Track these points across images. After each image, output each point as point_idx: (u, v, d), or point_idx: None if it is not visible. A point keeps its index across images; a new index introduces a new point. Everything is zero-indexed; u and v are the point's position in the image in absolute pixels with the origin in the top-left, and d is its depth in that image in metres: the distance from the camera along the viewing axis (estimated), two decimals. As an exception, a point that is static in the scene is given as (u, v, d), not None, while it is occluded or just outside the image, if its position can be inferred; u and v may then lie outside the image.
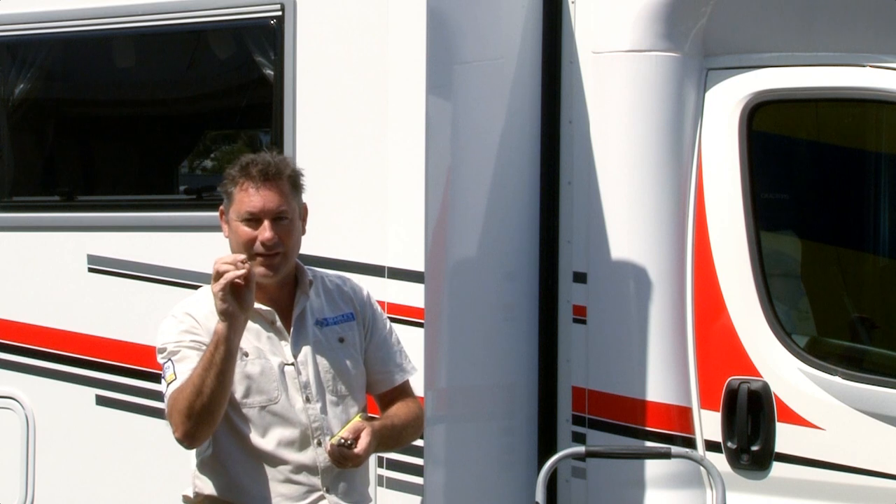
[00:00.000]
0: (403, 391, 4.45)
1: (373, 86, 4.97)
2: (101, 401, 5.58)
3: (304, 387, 4.21)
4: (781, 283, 5.25)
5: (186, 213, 5.50)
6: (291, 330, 4.25)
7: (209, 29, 5.47)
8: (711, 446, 5.06)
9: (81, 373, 5.61)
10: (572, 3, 5.32)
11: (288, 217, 4.20)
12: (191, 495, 4.34)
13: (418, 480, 4.80)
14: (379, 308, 4.50)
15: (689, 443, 5.09)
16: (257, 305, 4.16)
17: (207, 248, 5.32)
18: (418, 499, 4.81)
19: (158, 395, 5.40)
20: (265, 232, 4.14)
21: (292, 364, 4.22)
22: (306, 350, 4.24)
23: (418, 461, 4.76)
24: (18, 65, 5.87)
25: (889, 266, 5.50)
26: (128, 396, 5.50)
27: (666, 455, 4.80)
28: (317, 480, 4.20)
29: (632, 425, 5.14)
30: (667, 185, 5.18)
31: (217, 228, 5.34)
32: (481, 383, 5.24)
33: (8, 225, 5.83)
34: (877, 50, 5.02)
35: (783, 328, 5.03)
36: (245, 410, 4.18)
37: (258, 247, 4.15)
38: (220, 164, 8.02)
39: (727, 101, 5.17)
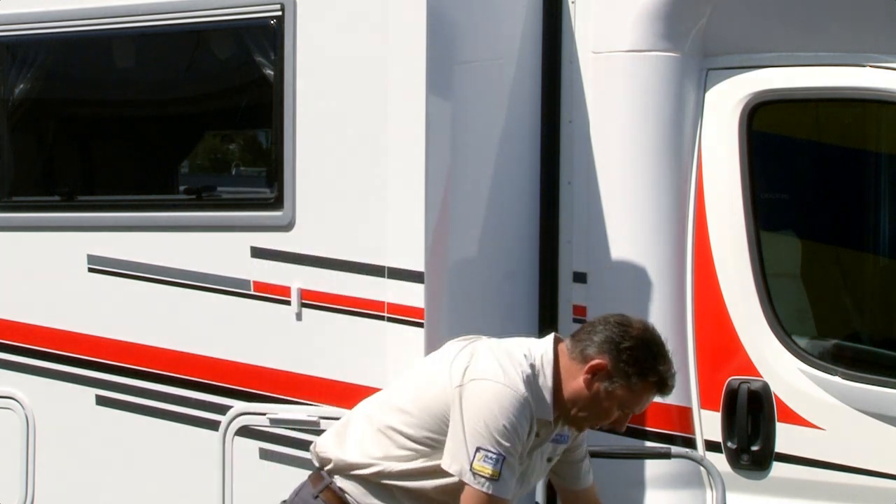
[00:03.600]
0: (596, 499, 4.55)
1: (373, 86, 4.97)
2: (101, 401, 5.58)
3: (516, 496, 4.19)
4: (781, 283, 5.25)
5: (186, 213, 5.50)
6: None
7: (209, 29, 5.48)
8: (711, 446, 5.06)
9: (81, 373, 5.61)
10: (572, 3, 5.32)
11: None
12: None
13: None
14: None
15: (689, 443, 5.09)
16: (552, 423, 4.17)
17: (207, 248, 5.34)
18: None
19: (158, 395, 5.44)
20: (624, 424, 4.20)
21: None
22: (531, 462, 4.23)
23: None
24: (18, 65, 5.87)
25: (889, 266, 5.50)
26: (128, 396, 5.50)
27: (666, 455, 4.80)
28: None
29: (632, 425, 5.13)
30: (667, 185, 5.18)
31: (217, 229, 5.37)
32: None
33: (8, 225, 5.83)
34: (877, 50, 5.02)
35: (783, 328, 5.03)
36: None
37: (606, 425, 4.21)
38: (220, 165, 8.03)
39: (727, 101, 5.17)
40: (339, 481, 4.25)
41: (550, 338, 4.23)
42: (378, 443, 4.20)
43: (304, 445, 5.04)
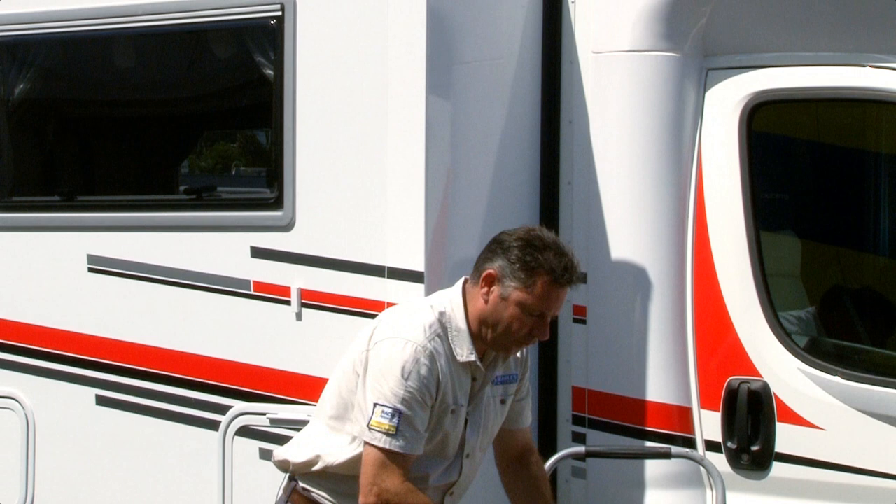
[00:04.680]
0: (527, 438, 4.48)
1: (373, 86, 4.97)
2: (101, 401, 5.58)
3: (470, 444, 4.22)
4: (781, 283, 5.26)
5: (186, 213, 5.50)
6: (479, 388, 4.24)
7: (209, 29, 5.48)
8: (711, 446, 5.06)
9: (81, 373, 5.61)
10: (572, 3, 5.32)
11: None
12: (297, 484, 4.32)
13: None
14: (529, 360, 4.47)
15: (689, 443, 5.09)
16: (479, 363, 4.16)
17: (207, 248, 5.34)
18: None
19: (158, 395, 5.44)
20: (543, 331, 4.13)
21: (467, 420, 4.21)
22: (480, 408, 4.24)
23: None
24: (18, 65, 5.87)
25: (889, 266, 5.50)
26: (128, 396, 5.50)
27: (666, 455, 4.80)
28: None
29: (632, 425, 5.14)
30: (667, 185, 5.18)
31: (217, 228, 5.36)
32: (481, 383, 5.25)
33: (8, 225, 5.83)
34: (877, 50, 5.02)
35: (783, 328, 5.03)
36: (418, 457, 4.11)
37: (527, 336, 4.13)
38: (220, 165, 8.00)
39: (727, 101, 5.17)
40: (302, 481, 4.29)
41: (460, 281, 4.25)
42: (320, 436, 4.25)
43: (304, 445, 5.04)
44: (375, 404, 3.99)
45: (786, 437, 4.97)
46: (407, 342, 4.04)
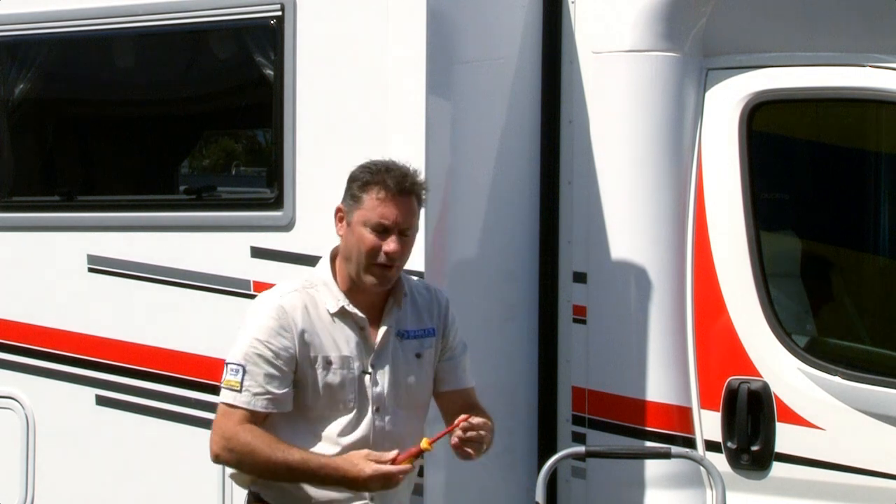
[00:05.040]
0: (469, 398, 4.42)
1: (373, 86, 4.97)
2: (101, 401, 5.58)
3: (377, 398, 4.20)
4: (781, 283, 5.25)
5: (186, 213, 5.50)
6: (377, 339, 4.23)
7: (209, 29, 5.47)
8: (711, 446, 5.07)
9: (81, 373, 5.61)
10: (572, 3, 5.32)
11: (412, 231, 4.18)
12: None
13: (418, 480, 4.80)
14: (455, 318, 4.44)
15: (689, 443, 5.09)
16: (352, 309, 4.16)
17: (207, 248, 5.34)
18: (418, 499, 4.80)
19: (158, 395, 5.44)
20: (391, 244, 4.10)
21: (369, 373, 4.20)
22: (385, 361, 4.22)
23: (418, 461, 4.76)
24: (18, 65, 5.87)
25: (889, 266, 5.50)
26: (128, 396, 5.50)
27: (666, 455, 4.80)
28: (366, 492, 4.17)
29: (632, 425, 5.15)
30: (667, 185, 5.18)
31: (217, 228, 5.36)
32: (481, 383, 5.24)
33: (8, 225, 5.83)
34: (877, 50, 5.03)
35: (783, 328, 5.03)
36: (314, 415, 4.15)
37: (381, 257, 4.11)
38: (219, 164, 7.99)
39: (727, 101, 5.17)
40: (253, 487, 4.32)
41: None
42: None
43: (304, 445, 5.03)
44: (227, 363, 4.13)
45: (786, 437, 4.97)
46: (258, 304, 4.22)
